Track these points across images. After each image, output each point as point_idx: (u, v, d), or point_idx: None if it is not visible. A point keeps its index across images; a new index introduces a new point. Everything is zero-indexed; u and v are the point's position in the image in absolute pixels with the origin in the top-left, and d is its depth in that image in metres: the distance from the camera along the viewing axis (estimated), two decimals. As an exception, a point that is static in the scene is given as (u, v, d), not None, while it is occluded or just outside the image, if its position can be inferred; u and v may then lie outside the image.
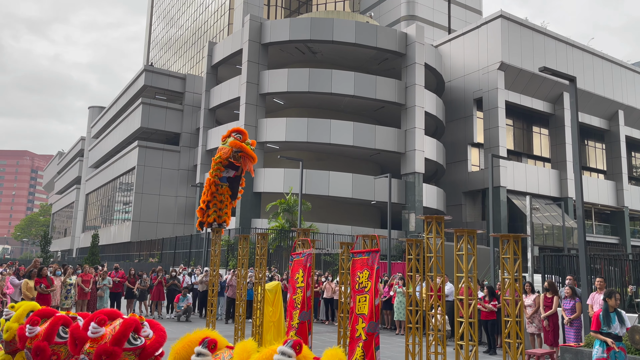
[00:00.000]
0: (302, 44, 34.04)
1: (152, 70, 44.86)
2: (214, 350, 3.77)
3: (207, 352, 3.72)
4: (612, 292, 7.77)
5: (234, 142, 9.62)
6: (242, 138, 9.75)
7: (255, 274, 9.83)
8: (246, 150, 9.56)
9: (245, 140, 9.77)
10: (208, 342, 3.76)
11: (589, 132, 41.79)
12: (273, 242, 26.00)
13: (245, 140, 9.76)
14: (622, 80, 41.70)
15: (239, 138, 9.74)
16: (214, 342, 3.76)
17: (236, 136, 9.78)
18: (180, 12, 70.90)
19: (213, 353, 3.76)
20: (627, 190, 41.79)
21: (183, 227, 41.62)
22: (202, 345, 3.75)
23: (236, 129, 10.00)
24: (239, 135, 9.80)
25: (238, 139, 9.72)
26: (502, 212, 33.71)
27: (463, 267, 5.09)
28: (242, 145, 9.56)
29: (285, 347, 3.14)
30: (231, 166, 9.78)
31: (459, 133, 37.66)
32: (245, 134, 9.88)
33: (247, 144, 9.71)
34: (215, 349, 3.76)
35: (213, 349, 3.76)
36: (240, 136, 9.78)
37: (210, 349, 3.75)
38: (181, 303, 16.75)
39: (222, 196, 9.95)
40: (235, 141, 9.65)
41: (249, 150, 9.57)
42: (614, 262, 16.59)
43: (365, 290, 6.34)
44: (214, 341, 3.76)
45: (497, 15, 35.54)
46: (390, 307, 15.45)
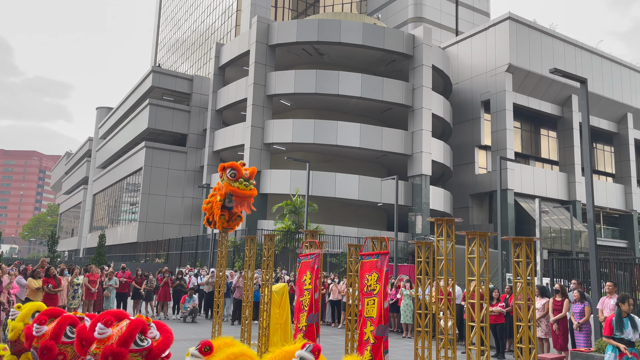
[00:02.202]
0: (309, 46, 34.02)
1: (160, 72, 45.02)
2: (208, 354, 3.71)
3: (199, 354, 3.67)
4: (626, 297, 7.64)
5: (227, 186, 9.18)
6: (236, 175, 9.15)
7: (262, 275, 9.78)
8: (238, 193, 9.10)
9: (240, 176, 9.16)
10: (202, 344, 3.72)
11: (597, 135, 41.47)
12: (279, 243, 25.94)
13: (240, 177, 9.15)
14: (632, 83, 41.37)
15: (233, 175, 9.14)
16: (209, 344, 3.70)
17: (230, 174, 9.16)
18: (188, 13, 71.16)
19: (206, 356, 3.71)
20: (636, 194, 41.42)
21: (189, 227, 41.67)
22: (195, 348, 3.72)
23: (230, 165, 9.28)
24: (233, 172, 9.16)
25: (232, 177, 9.14)
26: (510, 215, 33.49)
27: (475, 270, 5.01)
28: (234, 189, 9.08)
29: (305, 351, 3.06)
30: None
31: (466, 135, 37.47)
32: (239, 169, 9.20)
33: (241, 183, 9.12)
34: (210, 353, 3.70)
35: (207, 352, 3.70)
36: (234, 172, 9.15)
37: (203, 352, 3.70)
38: (187, 304, 16.71)
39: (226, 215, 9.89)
40: (227, 184, 9.14)
41: (241, 192, 9.09)
42: (623, 266, 16.41)
43: (374, 293, 6.27)
44: (209, 344, 3.71)
45: (505, 17, 35.36)
46: (397, 310, 15.34)
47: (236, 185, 9.08)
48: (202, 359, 3.66)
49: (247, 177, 9.28)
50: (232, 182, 9.10)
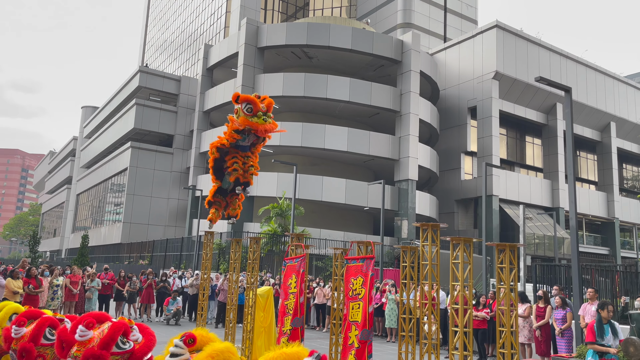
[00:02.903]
0: (298, 49, 34.05)
1: (147, 72, 44.70)
2: (192, 345, 3.73)
3: (182, 345, 3.68)
4: (605, 304, 7.75)
5: (244, 121, 8.25)
6: (253, 109, 8.27)
7: (247, 278, 9.73)
8: (259, 128, 8.29)
9: (258, 110, 8.29)
10: (186, 336, 3.72)
11: (581, 143, 42.07)
12: (265, 246, 25.87)
13: (257, 112, 8.29)
14: (615, 92, 42.07)
15: (249, 110, 8.25)
16: (193, 337, 3.71)
17: (246, 108, 8.25)
18: (177, 14, 70.82)
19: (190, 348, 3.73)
20: (618, 202, 42.07)
21: (174, 229, 41.34)
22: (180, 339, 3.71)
23: (245, 98, 8.39)
24: (249, 107, 8.26)
25: (249, 112, 8.25)
26: (494, 221, 33.78)
27: (459, 276, 5.04)
28: (252, 123, 8.23)
29: (313, 358, 3.07)
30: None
31: (452, 141, 37.77)
32: (256, 102, 8.33)
33: (260, 117, 8.28)
34: (194, 345, 3.72)
35: (190, 344, 3.72)
36: (250, 107, 8.27)
37: (187, 344, 3.70)
38: (171, 306, 16.56)
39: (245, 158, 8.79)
40: (244, 119, 8.24)
41: (262, 126, 8.30)
42: (605, 273, 16.66)
43: (359, 297, 6.27)
44: (193, 336, 3.72)
45: (492, 25, 35.76)
46: (382, 314, 15.37)
47: (255, 120, 8.24)
48: (185, 350, 3.65)
49: (264, 111, 8.43)
50: (250, 117, 8.22)
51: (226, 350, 3.52)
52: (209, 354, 3.49)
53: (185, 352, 3.72)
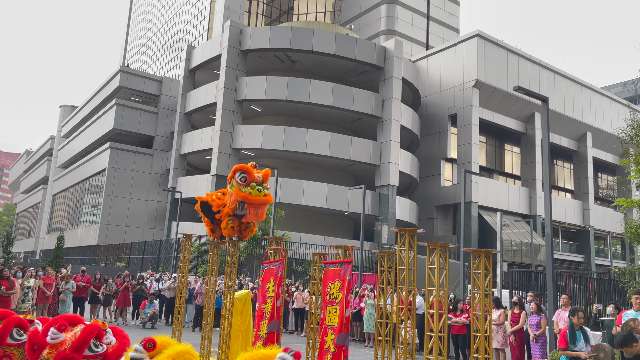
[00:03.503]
0: (282, 53, 34.06)
1: (128, 72, 44.21)
2: (152, 350, 3.72)
3: (142, 350, 3.66)
4: (576, 311, 7.90)
5: (238, 192, 7.89)
6: (247, 179, 7.94)
7: (225, 282, 9.66)
8: (251, 200, 7.83)
9: (252, 180, 7.96)
10: (146, 340, 3.70)
11: (558, 152, 42.87)
12: (244, 250, 25.72)
13: (252, 181, 7.94)
14: (592, 103, 43.01)
15: (244, 180, 7.92)
16: (152, 341, 3.70)
17: (240, 177, 7.95)
18: (159, 14, 70.25)
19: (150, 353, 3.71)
20: (593, 210, 42.92)
21: (153, 231, 40.85)
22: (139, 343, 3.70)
23: (239, 168, 8.11)
24: (243, 175, 7.96)
25: (242, 181, 7.91)
26: (473, 227, 34.17)
27: (435, 281, 5.09)
28: (247, 196, 7.81)
29: (287, 354, 3.10)
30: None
31: (433, 148, 38.15)
32: (250, 172, 7.96)
33: (254, 188, 7.88)
34: (154, 349, 3.71)
35: (150, 348, 3.70)
36: (245, 176, 7.94)
37: (147, 348, 3.69)
38: (147, 309, 16.34)
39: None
40: (238, 190, 7.87)
41: (254, 199, 7.78)
42: (579, 280, 16.97)
43: (336, 301, 6.28)
44: (153, 340, 3.70)
45: (473, 34, 36.29)
46: (360, 319, 15.40)
47: (248, 191, 7.83)
48: (145, 354, 3.63)
49: (259, 181, 8.03)
50: (243, 188, 7.84)
51: (186, 352, 3.53)
52: (169, 355, 3.49)
53: (145, 356, 3.70)
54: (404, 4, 53.30)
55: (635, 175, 12.38)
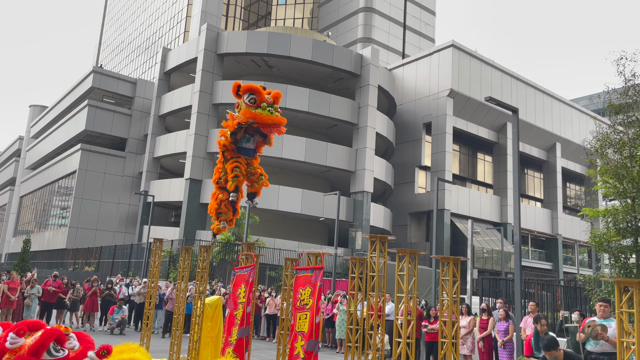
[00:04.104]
0: (259, 57, 34.02)
1: (102, 72, 43.48)
2: (105, 357, 3.69)
3: (95, 357, 3.63)
4: (539, 318, 8.07)
5: (246, 113, 7.09)
6: (256, 100, 7.17)
7: (196, 287, 9.54)
8: (263, 120, 7.09)
9: (262, 101, 7.18)
10: (100, 347, 3.66)
11: (528, 161, 43.82)
12: (217, 255, 25.49)
13: (262, 102, 7.18)
14: (561, 114, 44.17)
15: (253, 101, 7.16)
16: (107, 348, 3.67)
17: (249, 99, 7.17)
18: (135, 15, 69.37)
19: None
20: (562, 219, 43.96)
21: (124, 235, 40.11)
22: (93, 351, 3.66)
23: (248, 88, 7.29)
24: (252, 97, 7.16)
25: (252, 102, 7.15)
26: (446, 235, 34.60)
27: (404, 288, 5.14)
28: (256, 115, 7.07)
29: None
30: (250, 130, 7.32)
31: (407, 155, 38.55)
32: (260, 92, 7.23)
33: (265, 108, 7.13)
34: (108, 356, 3.68)
35: (104, 355, 3.66)
36: (254, 97, 7.17)
37: (100, 356, 3.65)
38: (116, 315, 16.00)
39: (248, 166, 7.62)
40: (247, 110, 7.09)
41: (267, 119, 7.08)
42: (547, 287, 17.35)
43: (307, 307, 6.27)
44: (107, 348, 3.67)
45: (448, 44, 36.91)
46: (333, 325, 15.40)
47: (259, 112, 7.07)
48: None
49: (270, 103, 7.27)
50: (253, 109, 7.11)
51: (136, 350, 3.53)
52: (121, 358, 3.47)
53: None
54: (381, 13, 53.92)
55: (601, 186, 12.76)
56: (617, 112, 11.78)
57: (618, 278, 4.32)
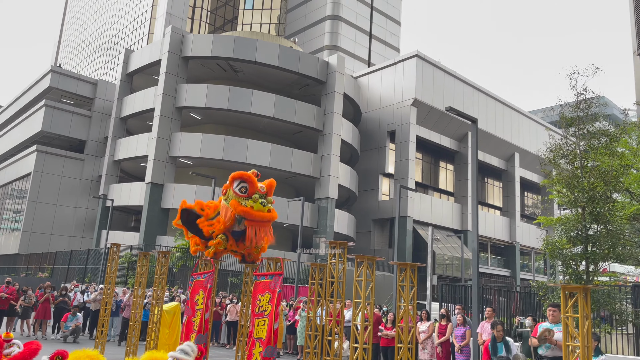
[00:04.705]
0: (224, 61, 33.76)
1: (60, 72, 42.19)
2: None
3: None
4: (495, 324, 8.28)
5: (236, 206, 6.60)
6: (248, 190, 6.65)
7: (154, 293, 9.35)
8: (254, 215, 6.50)
9: (255, 191, 6.66)
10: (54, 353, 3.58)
11: (488, 170, 45.00)
12: (178, 261, 25.03)
13: (254, 193, 6.65)
14: (520, 125, 45.60)
15: (244, 190, 6.66)
16: (61, 354, 3.59)
17: (239, 188, 6.70)
18: (97, 15, 67.70)
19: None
20: (519, 227, 45.27)
21: (81, 240, 38.88)
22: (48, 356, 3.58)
23: (239, 176, 6.83)
24: (244, 185, 6.68)
25: (242, 192, 6.68)
26: (408, 241, 35.06)
27: (361, 293, 5.17)
28: (245, 210, 6.51)
29: None
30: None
31: (372, 162, 38.94)
32: (253, 182, 6.71)
33: (256, 201, 6.60)
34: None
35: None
36: (245, 186, 6.66)
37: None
38: (69, 323, 15.44)
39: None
40: (236, 203, 6.60)
41: (258, 214, 6.50)
42: (504, 293, 17.78)
43: (265, 313, 6.23)
44: (61, 353, 3.59)
45: (413, 54, 37.60)
46: (294, 332, 15.32)
47: (249, 204, 6.53)
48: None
49: (263, 193, 6.74)
50: (243, 200, 6.58)
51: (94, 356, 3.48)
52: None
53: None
54: (348, 21, 54.48)
55: (555, 195, 13.23)
56: (569, 125, 12.26)
57: (564, 284, 4.48)
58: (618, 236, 11.74)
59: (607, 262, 12.35)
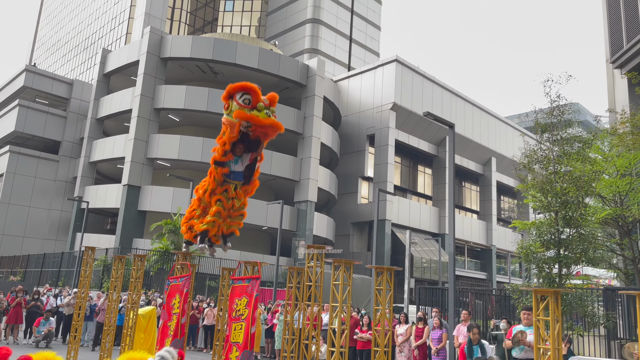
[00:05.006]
0: (204, 63, 33.54)
1: (35, 71, 41.34)
2: None
3: None
4: (471, 327, 8.39)
5: (241, 114, 6.39)
6: (251, 100, 6.40)
7: (129, 297, 9.21)
8: (260, 122, 6.38)
9: (259, 101, 6.41)
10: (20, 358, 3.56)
11: (466, 174, 45.58)
12: (155, 264, 24.71)
13: (258, 103, 6.41)
14: (497, 130, 46.34)
15: (247, 101, 6.41)
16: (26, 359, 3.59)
17: (243, 99, 6.43)
18: (74, 14, 66.57)
19: None
20: (496, 231, 45.94)
21: (54, 243, 38.07)
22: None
23: (241, 86, 6.54)
24: (247, 97, 6.42)
25: (246, 104, 6.40)
26: (387, 245, 35.26)
27: (338, 297, 5.19)
28: (252, 116, 6.33)
29: None
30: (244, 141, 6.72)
31: (351, 166, 39.10)
32: (256, 92, 6.46)
33: (261, 109, 6.39)
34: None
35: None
36: (249, 98, 6.40)
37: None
38: (42, 327, 15.13)
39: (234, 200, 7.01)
40: (241, 112, 6.39)
41: (264, 121, 6.37)
42: (481, 296, 18.02)
43: (242, 318, 6.20)
44: (27, 358, 3.59)
45: (392, 59, 37.93)
46: (272, 336, 15.27)
47: (255, 114, 6.35)
48: None
49: (267, 104, 6.51)
50: (248, 111, 6.39)
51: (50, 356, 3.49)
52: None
53: None
54: (328, 25, 54.67)
55: (531, 200, 13.48)
56: (543, 131, 12.52)
57: (535, 288, 4.58)
58: (590, 240, 12.02)
59: (579, 265, 12.63)
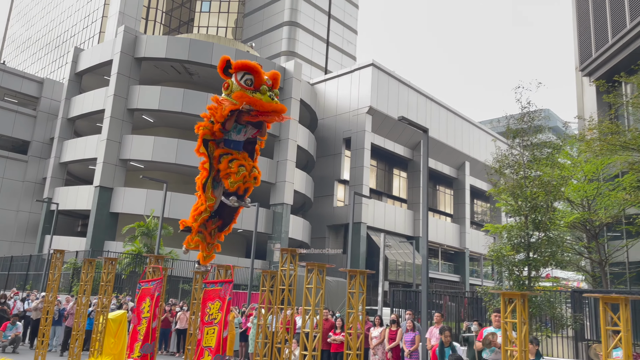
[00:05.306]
0: (179, 64, 33.18)
1: (4, 69, 40.22)
2: None
3: None
4: (443, 329, 8.50)
5: (243, 96, 5.79)
6: (254, 81, 5.84)
7: (99, 301, 9.02)
8: (263, 107, 5.77)
9: (261, 82, 5.87)
10: None
11: (440, 178, 46.16)
12: (127, 267, 24.29)
13: (262, 85, 5.86)
14: (470, 135, 47.10)
15: (250, 82, 5.84)
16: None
17: (245, 80, 5.84)
18: (45, 11, 65.08)
19: None
20: (469, 234, 46.63)
21: (22, 245, 37.05)
22: None
23: (243, 66, 5.89)
24: (249, 78, 5.83)
25: (248, 85, 5.83)
26: (362, 247, 35.42)
27: (311, 300, 5.20)
28: (255, 100, 5.74)
29: None
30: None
31: (327, 169, 39.19)
32: (259, 72, 5.87)
33: (265, 92, 5.84)
34: None
35: None
36: (251, 78, 5.82)
37: None
38: (8, 332, 14.72)
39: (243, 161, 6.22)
40: (243, 93, 5.78)
41: (267, 106, 5.76)
42: (454, 299, 18.27)
43: (215, 322, 6.15)
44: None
45: (369, 63, 38.21)
46: (246, 339, 15.16)
47: (258, 96, 5.76)
48: None
49: (270, 85, 5.98)
50: (250, 93, 5.80)
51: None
52: None
53: None
54: (305, 28, 54.73)
55: (502, 204, 13.75)
56: (514, 136, 12.79)
57: (503, 291, 4.67)
58: (558, 243, 12.31)
59: (548, 268, 12.92)
